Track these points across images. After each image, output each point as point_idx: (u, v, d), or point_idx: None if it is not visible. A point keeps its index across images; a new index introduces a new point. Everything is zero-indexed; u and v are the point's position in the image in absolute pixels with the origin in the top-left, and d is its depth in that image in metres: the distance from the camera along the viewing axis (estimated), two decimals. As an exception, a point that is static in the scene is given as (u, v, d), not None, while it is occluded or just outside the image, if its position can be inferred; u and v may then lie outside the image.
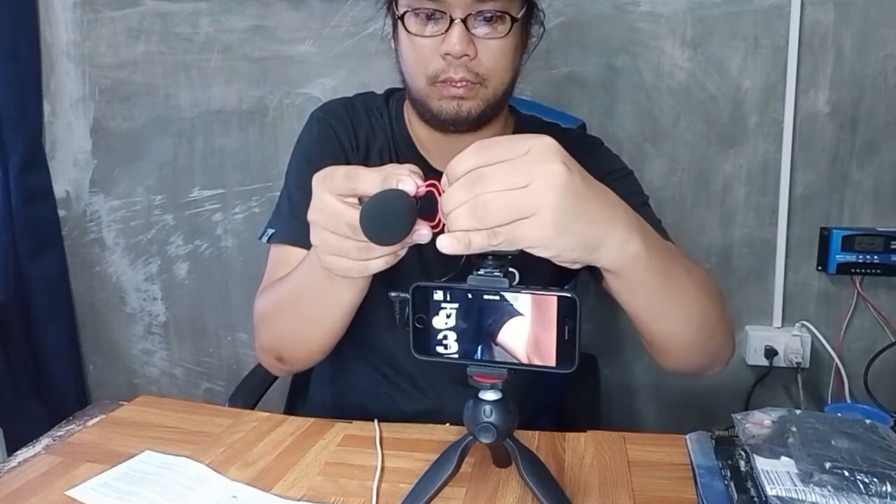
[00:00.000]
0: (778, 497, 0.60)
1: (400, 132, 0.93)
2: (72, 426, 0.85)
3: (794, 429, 0.68)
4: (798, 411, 0.73)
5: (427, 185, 0.54)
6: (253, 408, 1.11)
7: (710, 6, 1.38)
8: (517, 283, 0.54)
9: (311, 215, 0.60)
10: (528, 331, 0.53)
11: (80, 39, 1.69)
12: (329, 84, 1.57)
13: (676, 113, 1.44)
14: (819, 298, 1.47)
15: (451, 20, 0.76)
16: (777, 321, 1.48)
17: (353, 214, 0.55)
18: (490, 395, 0.57)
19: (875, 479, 0.60)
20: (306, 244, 0.69)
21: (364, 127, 0.93)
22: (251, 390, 1.18)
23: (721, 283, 1.50)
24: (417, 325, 0.55)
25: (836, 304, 1.46)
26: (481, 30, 0.78)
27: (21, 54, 1.66)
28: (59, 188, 1.78)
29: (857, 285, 1.43)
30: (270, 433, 0.82)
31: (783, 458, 0.64)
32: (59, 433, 0.83)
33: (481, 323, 0.54)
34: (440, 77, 0.79)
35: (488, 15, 0.77)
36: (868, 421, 0.70)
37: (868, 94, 1.36)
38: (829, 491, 0.59)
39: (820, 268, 1.44)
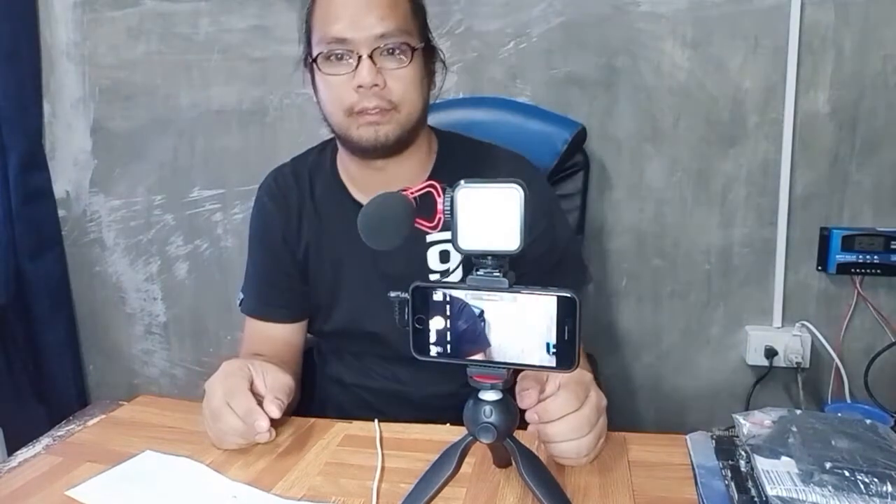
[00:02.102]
0: (778, 497, 0.60)
1: (333, 176, 1.01)
2: (72, 426, 0.85)
3: (794, 429, 0.68)
4: (798, 411, 0.73)
5: (425, 186, 0.54)
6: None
7: (710, 6, 1.38)
8: (516, 283, 0.54)
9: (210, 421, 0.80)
10: (527, 331, 0.53)
11: (80, 39, 1.69)
12: (329, 84, 1.56)
13: (676, 113, 1.44)
14: (819, 298, 1.47)
15: (359, 57, 0.85)
16: (777, 321, 1.48)
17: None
18: (490, 396, 0.57)
19: (875, 479, 0.60)
20: (270, 318, 1.02)
21: (293, 195, 1.02)
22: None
23: (721, 283, 1.51)
24: (417, 325, 0.55)
25: (836, 304, 1.46)
26: (386, 62, 0.87)
27: (21, 54, 1.66)
28: (59, 188, 1.78)
29: (857, 285, 1.43)
30: (270, 433, 0.82)
31: (783, 458, 0.64)
32: (59, 433, 0.83)
33: (481, 323, 0.54)
34: (356, 108, 0.87)
35: (391, 48, 0.86)
36: (868, 421, 0.70)
37: (868, 94, 1.36)
38: (830, 491, 0.59)
39: (820, 268, 1.44)
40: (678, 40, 1.40)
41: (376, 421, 0.82)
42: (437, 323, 0.55)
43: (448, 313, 0.54)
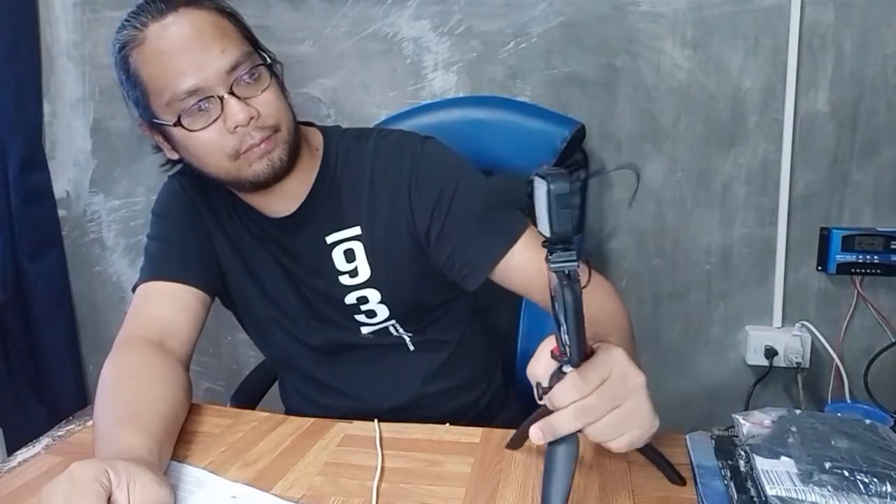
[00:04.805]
0: (778, 497, 0.60)
1: (229, 192, 0.95)
2: (72, 426, 0.85)
3: (794, 429, 0.68)
4: (798, 411, 0.73)
5: None
6: (253, 408, 1.11)
7: (710, 6, 1.38)
8: None
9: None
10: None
11: (80, 39, 1.69)
12: (329, 84, 1.57)
13: (676, 113, 1.44)
14: (819, 298, 1.47)
15: (221, 98, 0.80)
16: (777, 321, 1.48)
17: None
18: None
19: (875, 479, 0.60)
20: (173, 276, 0.91)
21: (207, 187, 0.97)
22: (252, 390, 1.19)
23: (721, 283, 1.51)
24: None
25: (836, 304, 1.46)
26: (248, 91, 0.82)
27: (21, 54, 1.66)
28: (59, 188, 1.78)
29: (857, 285, 1.43)
30: (270, 433, 0.82)
31: (783, 458, 0.64)
32: (59, 433, 0.83)
33: None
34: (242, 149, 0.83)
35: (246, 78, 0.82)
36: (868, 421, 0.70)
37: (868, 94, 1.36)
38: (829, 491, 0.59)
39: (820, 268, 1.44)
40: (678, 40, 1.40)
41: (376, 421, 0.82)
42: None
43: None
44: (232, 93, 0.80)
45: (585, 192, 1.26)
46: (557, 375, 0.57)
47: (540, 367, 0.59)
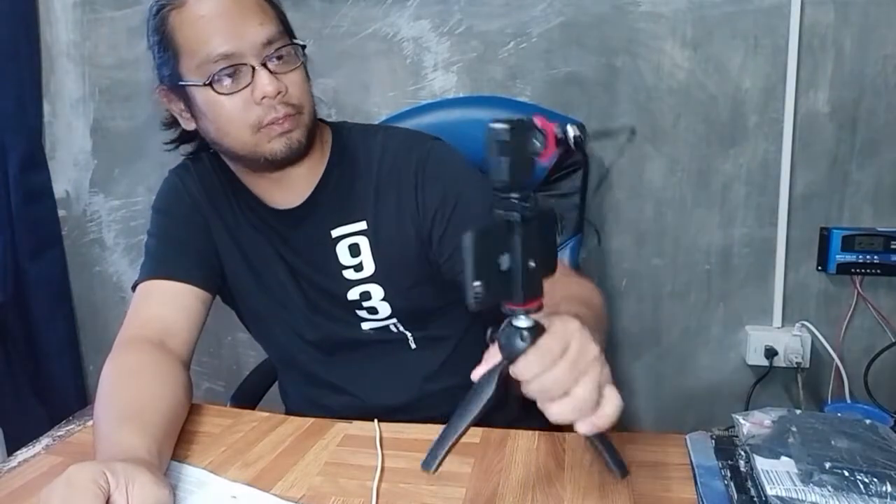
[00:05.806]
0: (778, 497, 0.60)
1: (233, 182, 0.95)
2: (72, 426, 0.85)
3: (794, 429, 0.68)
4: (798, 411, 0.73)
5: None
6: (253, 408, 1.11)
7: (710, 6, 1.38)
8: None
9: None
10: None
11: (80, 39, 1.69)
12: (329, 84, 1.57)
13: (676, 113, 1.44)
14: (819, 298, 1.47)
15: (253, 69, 0.81)
16: (777, 321, 1.48)
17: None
18: (523, 322, 0.56)
19: (875, 479, 0.60)
20: (173, 275, 0.91)
21: (209, 179, 0.98)
22: (252, 390, 1.19)
23: (721, 283, 1.51)
24: None
25: (836, 304, 1.46)
26: (278, 67, 0.84)
27: (21, 54, 1.66)
28: (59, 188, 1.78)
29: (857, 285, 1.43)
30: (270, 433, 0.82)
31: (783, 458, 0.64)
32: (59, 433, 0.83)
33: None
34: (264, 122, 0.83)
35: (279, 53, 0.83)
36: (868, 421, 0.70)
37: (868, 94, 1.36)
38: (829, 491, 0.59)
39: (820, 268, 1.44)
40: (678, 40, 1.40)
41: (376, 421, 0.82)
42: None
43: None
44: (264, 65, 0.82)
45: (585, 193, 1.26)
46: (507, 325, 0.57)
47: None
